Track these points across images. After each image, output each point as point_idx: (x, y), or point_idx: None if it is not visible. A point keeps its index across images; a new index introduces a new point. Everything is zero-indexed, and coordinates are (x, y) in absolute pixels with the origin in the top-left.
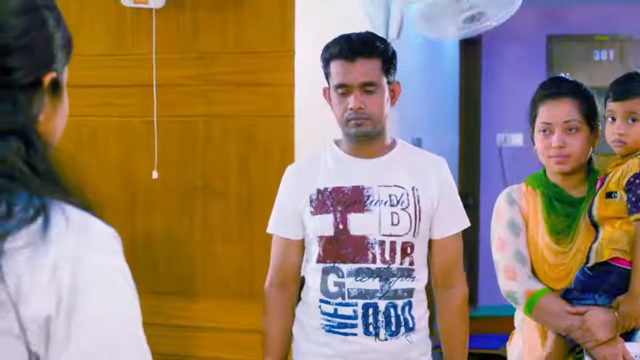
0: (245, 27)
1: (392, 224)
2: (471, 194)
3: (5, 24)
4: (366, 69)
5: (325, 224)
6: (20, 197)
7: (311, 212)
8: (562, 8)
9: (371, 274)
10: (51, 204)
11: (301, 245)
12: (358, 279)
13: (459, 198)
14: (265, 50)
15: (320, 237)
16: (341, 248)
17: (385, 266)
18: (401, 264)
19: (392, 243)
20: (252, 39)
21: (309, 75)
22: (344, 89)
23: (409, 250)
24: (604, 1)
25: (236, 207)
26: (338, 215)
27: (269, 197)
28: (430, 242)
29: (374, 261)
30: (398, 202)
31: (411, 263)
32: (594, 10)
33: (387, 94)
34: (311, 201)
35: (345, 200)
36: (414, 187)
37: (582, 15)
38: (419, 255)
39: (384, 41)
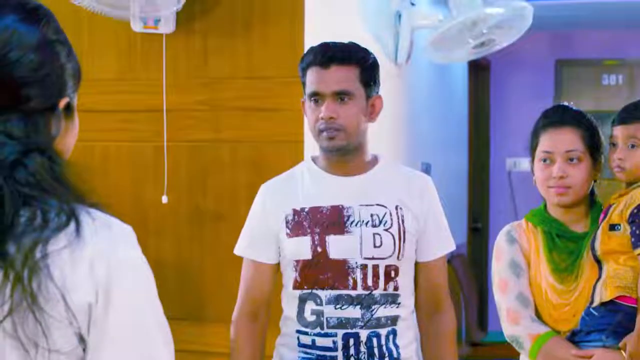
0: (254, 52)
1: (375, 246)
2: (480, 218)
3: (23, 59)
4: (340, 76)
5: (302, 247)
6: (52, 205)
7: (287, 234)
8: (571, 33)
9: (352, 301)
10: (77, 208)
11: (273, 270)
12: (338, 306)
13: (445, 219)
14: (274, 75)
15: (297, 261)
16: (319, 273)
17: (367, 292)
18: (385, 289)
19: (375, 267)
20: (261, 65)
21: None
22: (317, 97)
23: (393, 274)
24: (613, 26)
25: None
26: (316, 237)
27: None
28: (416, 265)
29: (354, 287)
30: (380, 222)
31: (396, 288)
32: (603, 34)
33: (364, 106)
34: (287, 222)
35: (324, 221)
36: (397, 206)
37: (591, 39)
38: (405, 279)
39: (364, 50)
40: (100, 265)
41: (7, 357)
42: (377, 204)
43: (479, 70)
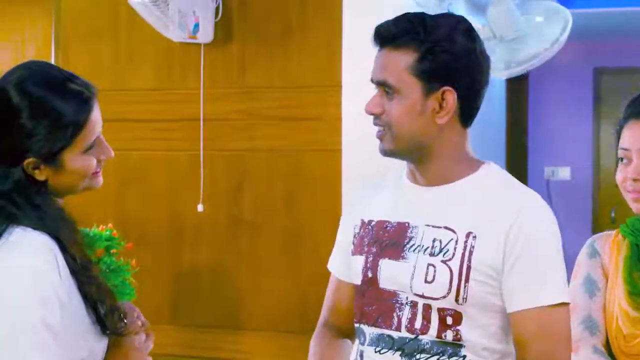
0: (291, 61)
1: (426, 281)
2: None
3: None
4: (386, 63)
5: (356, 268)
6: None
7: (352, 250)
8: (608, 40)
9: (392, 344)
10: (11, 228)
11: (352, 290)
12: (377, 349)
13: (555, 261)
14: (311, 84)
15: (354, 285)
16: (366, 304)
17: (412, 337)
18: (439, 337)
19: (426, 307)
20: (298, 74)
21: (356, 109)
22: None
23: (450, 321)
24: None
25: (282, 240)
26: (370, 258)
27: (315, 231)
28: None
29: (397, 328)
30: (440, 250)
31: (457, 338)
32: None
33: (417, 103)
34: (355, 235)
35: (384, 240)
36: (470, 233)
37: (629, 47)
38: (476, 330)
39: (432, 27)
40: None
41: None
42: (445, 227)
43: (516, 78)
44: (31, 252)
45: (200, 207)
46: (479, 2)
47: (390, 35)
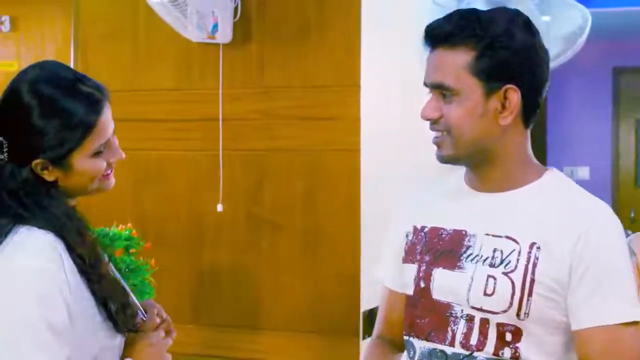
0: (310, 61)
1: (485, 293)
2: None
3: None
4: (441, 64)
5: (407, 278)
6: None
7: (402, 257)
8: (628, 40)
9: None
10: (18, 228)
11: (403, 299)
12: None
13: (625, 274)
14: (330, 84)
15: (406, 295)
16: (417, 316)
17: (467, 353)
18: (496, 354)
19: (484, 321)
20: (317, 73)
21: (374, 108)
22: (427, 88)
23: (509, 338)
24: None
25: (302, 240)
26: (423, 267)
27: (334, 231)
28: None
29: (452, 343)
30: (502, 261)
31: (516, 357)
32: None
33: (478, 105)
34: (406, 242)
35: (438, 248)
36: (534, 244)
37: None
38: (537, 348)
39: (488, 21)
40: None
41: None
42: (507, 236)
43: None
44: (34, 252)
45: (219, 207)
46: (497, 1)
47: (443, 34)
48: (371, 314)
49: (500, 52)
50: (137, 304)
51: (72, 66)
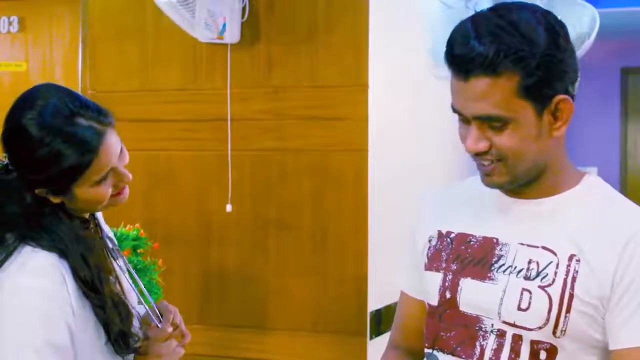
0: (318, 61)
1: (519, 308)
2: None
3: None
4: (483, 92)
5: (431, 287)
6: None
7: (425, 264)
8: (636, 40)
9: None
10: (22, 246)
11: (421, 306)
12: None
13: None
14: (338, 84)
15: (428, 305)
16: (442, 329)
17: None
18: None
19: (516, 338)
20: (325, 73)
21: (383, 109)
22: (459, 115)
23: (542, 356)
24: None
25: (310, 241)
26: (449, 276)
27: (342, 232)
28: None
29: (480, 359)
30: (538, 274)
31: None
32: None
33: (533, 127)
34: (429, 247)
35: (467, 256)
36: (573, 256)
37: None
38: None
39: (528, 33)
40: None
41: None
42: (543, 247)
43: None
44: (38, 272)
45: (228, 207)
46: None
47: (482, 62)
48: (379, 314)
49: (549, 67)
50: (154, 307)
51: (79, 66)
